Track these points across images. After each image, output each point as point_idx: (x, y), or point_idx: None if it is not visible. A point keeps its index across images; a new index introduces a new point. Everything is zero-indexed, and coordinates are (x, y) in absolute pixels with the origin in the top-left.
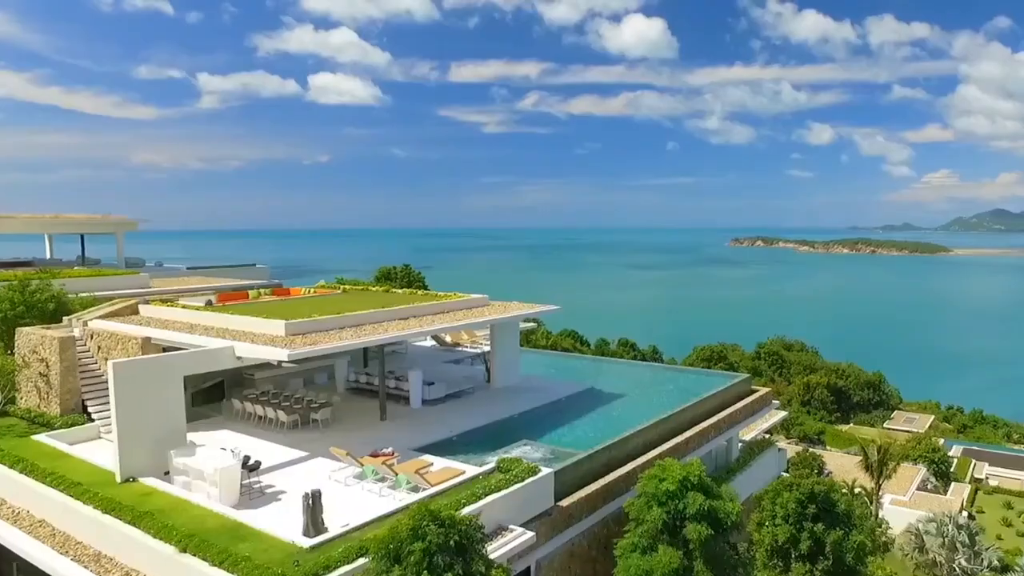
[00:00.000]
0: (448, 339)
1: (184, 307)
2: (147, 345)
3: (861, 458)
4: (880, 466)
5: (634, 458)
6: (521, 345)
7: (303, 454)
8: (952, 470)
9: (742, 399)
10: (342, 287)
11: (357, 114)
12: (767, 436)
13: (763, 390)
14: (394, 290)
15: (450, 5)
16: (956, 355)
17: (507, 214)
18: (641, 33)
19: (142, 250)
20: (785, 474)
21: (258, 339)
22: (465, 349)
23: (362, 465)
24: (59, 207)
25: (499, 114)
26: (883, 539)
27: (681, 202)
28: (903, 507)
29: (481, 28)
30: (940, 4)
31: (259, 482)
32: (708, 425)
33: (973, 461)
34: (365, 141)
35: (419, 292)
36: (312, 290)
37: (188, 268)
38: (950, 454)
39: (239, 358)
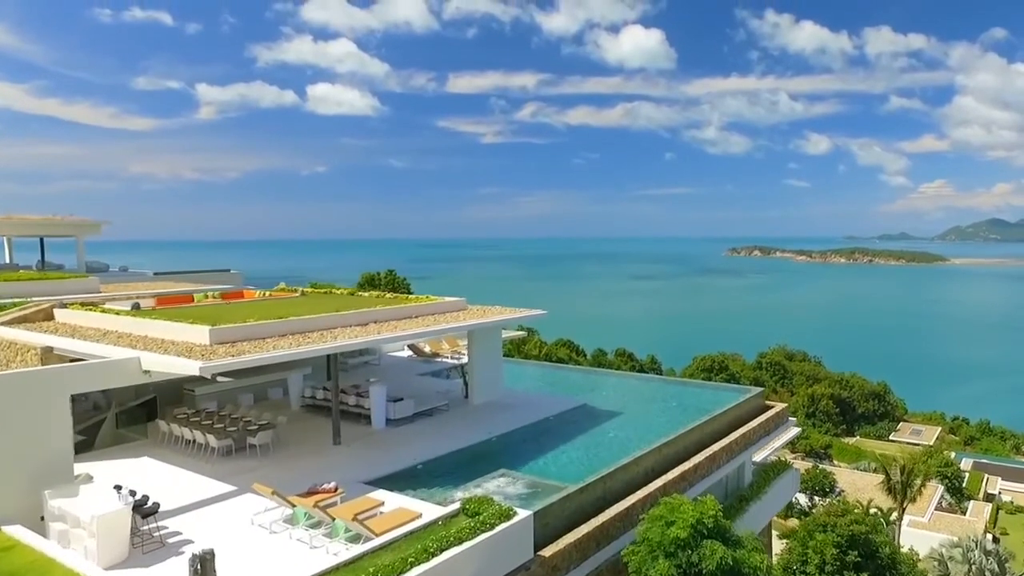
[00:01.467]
0: (427, 348)
1: (105, 312)
2: (48, 355)
3: (882, 479)
4: (904, 488)
5: (634, 489)
6: (512, 355)
7: (229, 489)
8: (964, 485)
9: (756, 416)
10: (301, 290)
11: (355, 124)
12: (779, 456)
13: (779, 405)
14: (361, 294)
15: (449, 16)
16: (957, 364)
17: (505, 224)
18: (639, 44)
19: (133, 260)
20: (801, 495)
21: (175, 348)
22: (445, 360)
23: (293, 506)
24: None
25: (497, 124)
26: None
27: (678, 212)
28: (922, 530)
29: (480, 39)
30: (937, 15)
31: (161, 529)
32: (719, 448)
33: (986, 476)
34: (362, 151)
35: (388, 295)
36: (268, 293)
37: (155, 274)
38: (961, 468)
39: (146, 372)
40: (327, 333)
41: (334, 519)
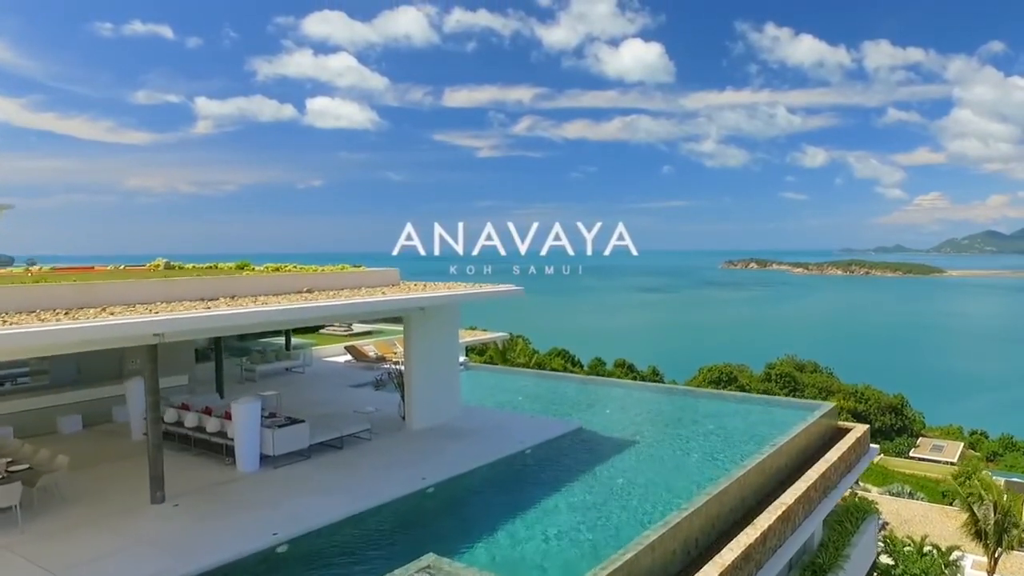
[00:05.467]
0: (372, 352)
1: None
2: None
3: (967, 518)
4: (999, 532)
5: None
6: (495, 362)
7: None
8: None
9: (831, 445)
10: (167, 262)
11: (353, 138)
12: (855, 494)
13: (857, 428)
14: (254, 268)
15: (450, 29)
16: (963, 376)
17: (503, 237)
18: (639, 57)
19: None
20: (887, 560)
21: None
22: (395, 366)
23: None
24: (52, 230)
25: (494, 138)
26: None
27: (674, 225)
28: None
29: (479, 53)
30: (936, 29)
31: None
32: (794, 501)
33: None
34: (360, 165)
35: (291, 267)
36: (124, 267)
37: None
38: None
39: None
40: (108, 310)
41: None
